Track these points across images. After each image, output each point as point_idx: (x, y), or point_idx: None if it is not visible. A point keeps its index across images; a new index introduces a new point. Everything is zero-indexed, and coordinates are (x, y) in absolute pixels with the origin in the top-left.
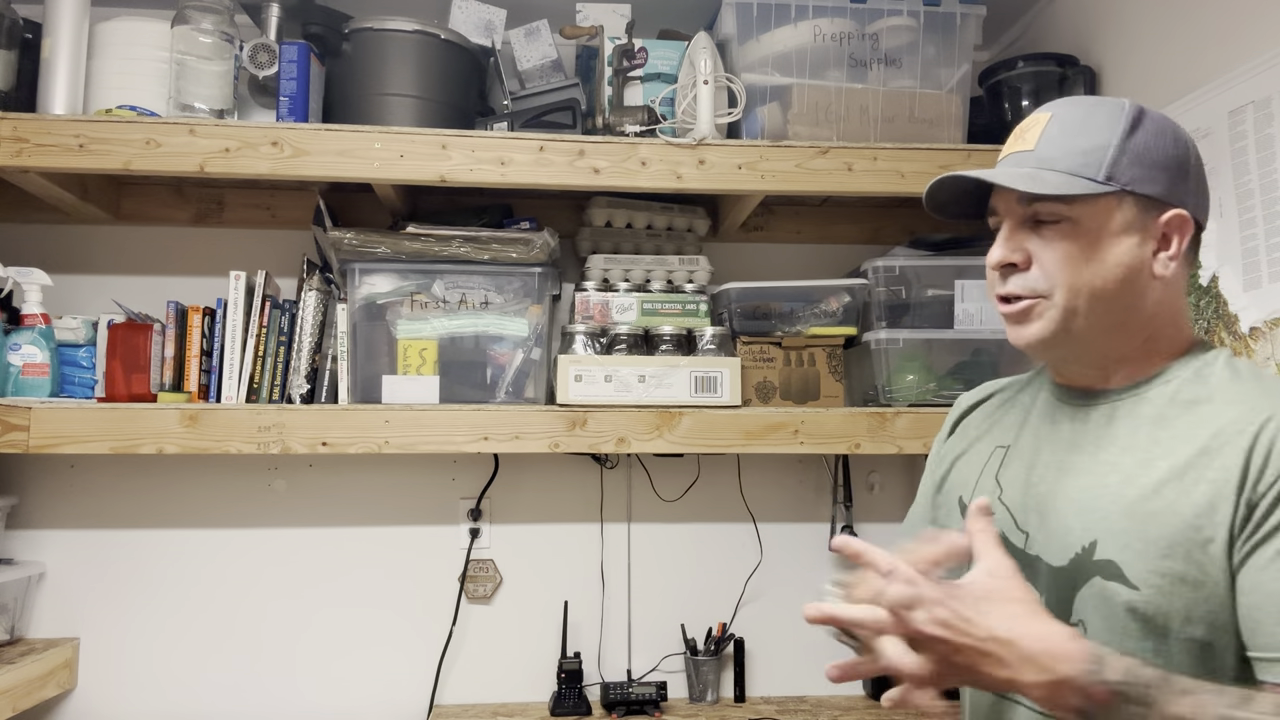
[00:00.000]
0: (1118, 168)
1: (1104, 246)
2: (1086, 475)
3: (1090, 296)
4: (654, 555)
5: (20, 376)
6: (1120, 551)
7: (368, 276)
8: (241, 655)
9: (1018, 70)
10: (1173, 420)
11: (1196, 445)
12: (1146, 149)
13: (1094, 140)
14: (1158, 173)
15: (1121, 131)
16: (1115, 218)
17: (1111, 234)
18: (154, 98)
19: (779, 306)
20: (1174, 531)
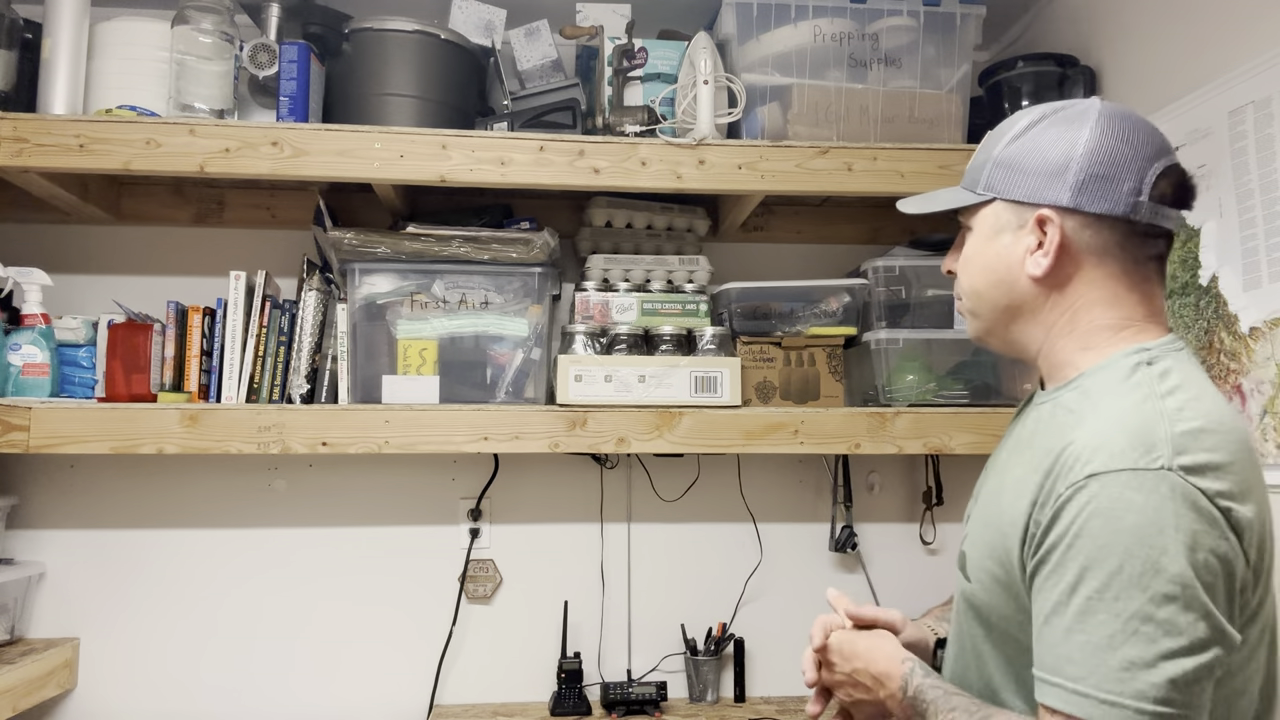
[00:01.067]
0: (992, 177)
1: (982, 250)
2: (997, 473)
3: (974, 296)
4: (654, 555)
5: (20, 376)
6: (970, 548)
7: (368, 276)
8: (242, 655)
9: (1018, 70)
10: (1041, 431)
11: (1038, 456)
12: (1017, 156)
13: (983, 155)
14: (1024, 177)
15: (1004, 141)
16: (988, 223)
17: (987, 238)
18: (154, 98)
19: (779, 306)
20: (994, 535)
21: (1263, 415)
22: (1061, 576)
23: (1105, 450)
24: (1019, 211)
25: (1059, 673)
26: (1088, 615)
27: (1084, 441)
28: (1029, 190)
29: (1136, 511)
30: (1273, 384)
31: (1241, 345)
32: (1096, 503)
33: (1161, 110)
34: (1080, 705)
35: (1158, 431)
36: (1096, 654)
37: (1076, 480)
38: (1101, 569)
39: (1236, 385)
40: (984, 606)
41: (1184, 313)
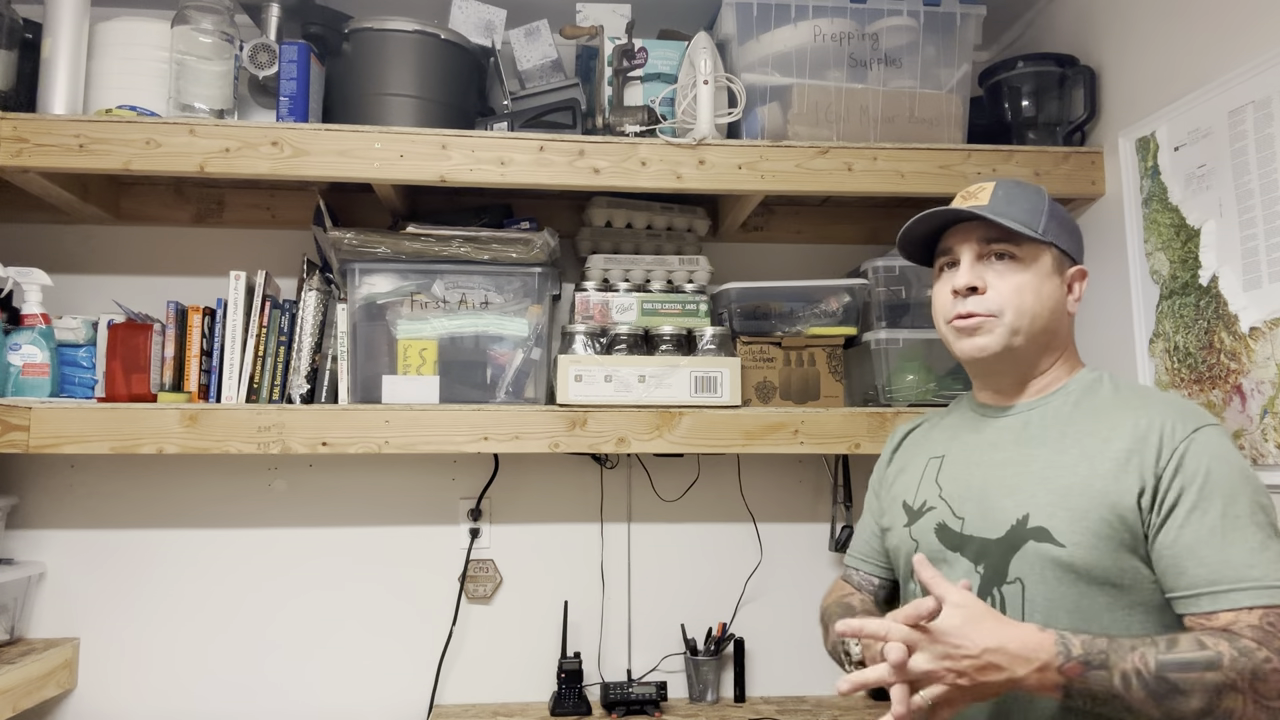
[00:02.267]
0: (1050, 225)
1: (1041, 283)
2: (1012, 466)
3: (1032, 318)
4: (654, 555)
5: (20, 376)
6: (1049, 519)
7: (368, 276)
8: (241, 655)
9: (1018, 70)
10: (1077, 421)
11: (1099, 438)
12: (1062, 217)
13: (1032, 204)
14: (1067, 235)
15: (1049, 201)
16: (1047, 262)
17: (1045, 274)
18: (154, 98)
19: (779, 306)
20: (1089, 499)
21: (1263, 415)
22: (1209, 509)
23: (1189, 415)
24: (1062, 261)
25: (1243, 578)
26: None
27: (1164, 413)
28: (1072, 247)
29: (1232, 453)
30: (1273, 384)
31: (1241, 345)
32: (1208, 448)
33: (1161, 110)
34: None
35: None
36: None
37: (1183, 434)
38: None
39: (1236, 385)
40: (1085, 564)
41: (1184, 313)
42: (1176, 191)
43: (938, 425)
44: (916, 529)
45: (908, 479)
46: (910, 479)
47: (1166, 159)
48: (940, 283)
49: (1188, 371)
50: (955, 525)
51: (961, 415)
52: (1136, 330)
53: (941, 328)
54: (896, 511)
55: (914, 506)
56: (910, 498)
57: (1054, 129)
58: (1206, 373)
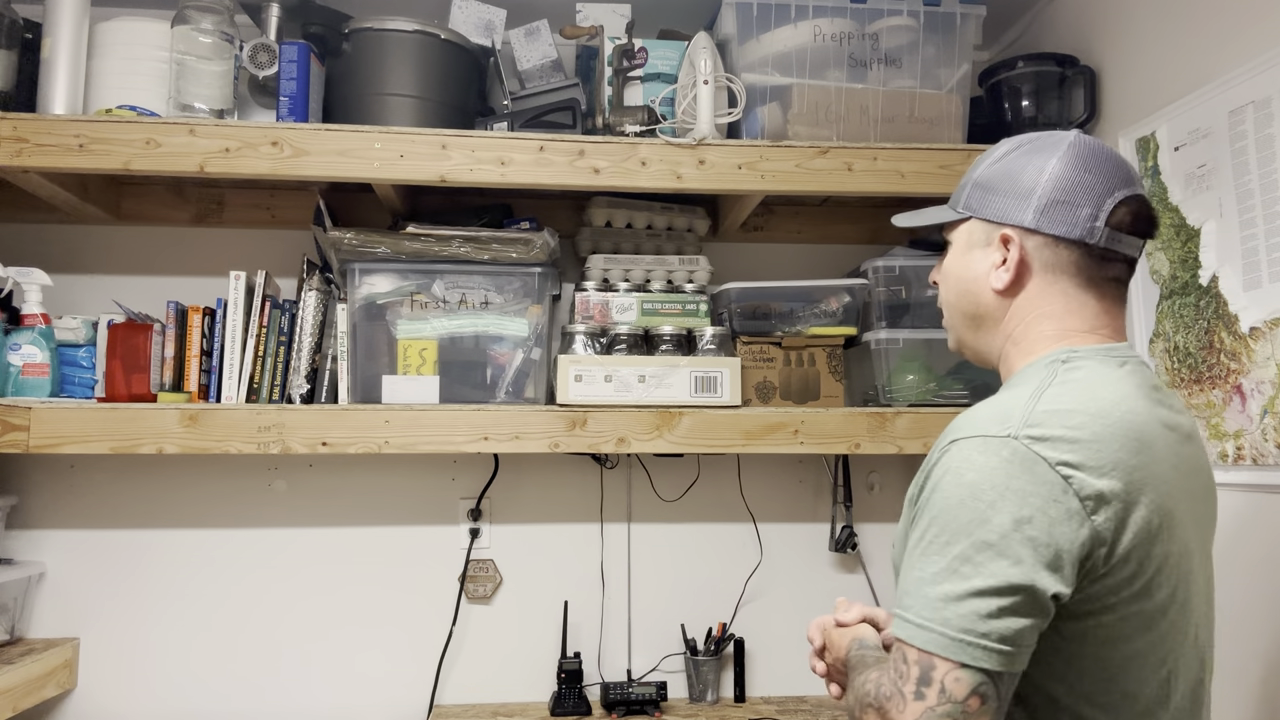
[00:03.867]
0: (970, 197)
1: (955, 265)
2: None
3: (950, 307)
4: (654, 555)
5: (20, 376)
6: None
7: (368, 276)
8: (241, 655)
9: (1018, 70)
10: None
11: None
12: (991, 178)
13: (966, 176)
14: (995, 197)
15: (984, 165)
16: (962, 239)
17: (959, 253)
18: (154, 98)
19: (779, 306)
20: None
21: (1263, 415)
22: (917, 526)
23: (970, 422)
24: (988, 230)
25: (899, 604)
26: (924, 556)
27: (961, 418)
28: (999, 211)
29: (976, 470)
30: (1273, 384)
31: (1241, 345)
32: (948, 463)
33: (1161, 110)
34: (905, 629)
35: (1020, 408)
36: (922, 587)
37: (943, 446)
38: (942, 518)
39: (1236, 385)
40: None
41: (1184, 313)
42: (1176, 191)
43: None
44: None
45: None
46: None
47: (1166, 159)
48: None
49: (1188, 371)
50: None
51: None
52: (1136, 330)
53: None
54: None
55: None
56: None
57: (1054, 129)
58: (1206, 373)
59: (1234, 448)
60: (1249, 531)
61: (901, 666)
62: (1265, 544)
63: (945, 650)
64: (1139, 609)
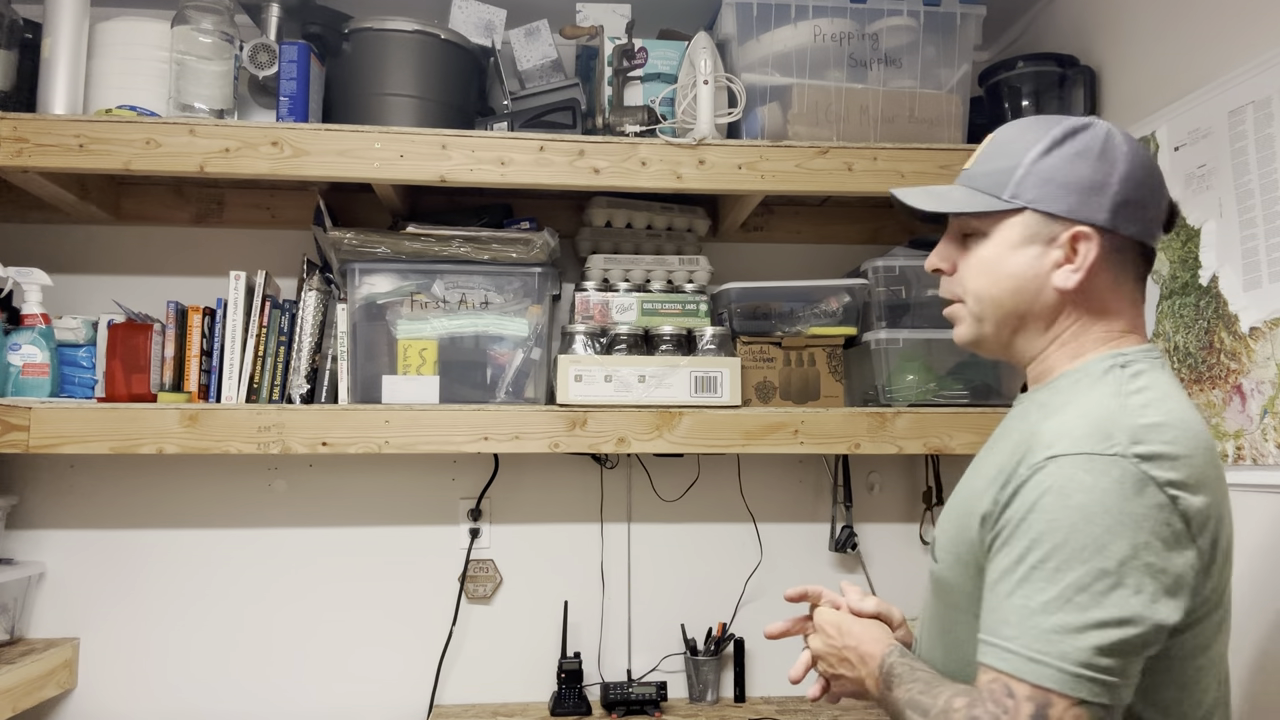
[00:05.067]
0: (1022, 187)
1: (1003, 258)
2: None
3: (991, 302)
4: (654, 555)
5: (20, 376)
6: (940, 533)
7: (368, 276)
8: (241, 655)
9: (1018, 70)
10: (1013, 426)
11: (1003, 451)
12: (1055, 170)
13: (1008, 161)
14: (1063, 191)
15: (1036, 153)
16: (1016, 232)
17: (1010, 246)
18: (154, 98)
19: (779, 306)
20: (960, 518)
21: (1263, 415)
22: (1012, 548)
23: (1067, 436)
24: (1051, 226)
25: (995, 633)
26: (1028, 583)
27: (1049, 429)
28: (1068, 206)
29: (1085, 491)
30: (1273, 384)
31: (1241, 345)
32: (1050, 481)
33: (1161, 110)
34: (1009, 661)
35: (1118, 422)
36: (1031, 617)
37: (1036, 462)
38: (1047, 541)
39: (1236, 385)
40: (948, 584)
41: (1184, 313)
42: (1176, 191)
43: None
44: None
45: None
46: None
47: (1166, 159)
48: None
49: (1188, 371)
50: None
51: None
52: None
53: None
54: None
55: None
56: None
57: None
58: (1206, 373)
59: (1234, 448)
60: (1249, 531)
61: (1006, 701)
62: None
63: (1063, 686)
64: (1215, 619)
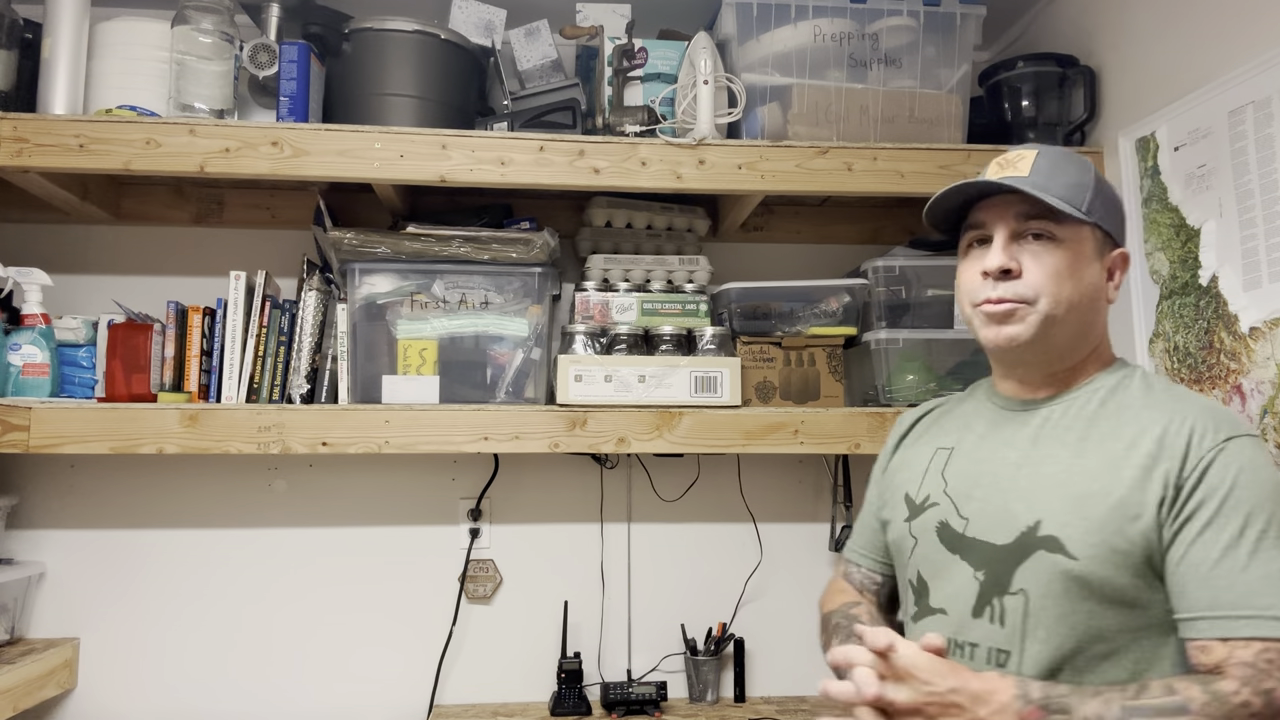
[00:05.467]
0: (1094, 204)
1: (1081, 267)
2: (1027, 466)
3: (1069, 307)
4: (654, 555)
5: (20, 376)
6: (1061, 529)
7: (368, 276)
8: (241, 655)
9: (1018, 70)
10: (1101, 421)
11: (1124, 441)
12: (1109, 195)
13: (1077, 178)
14: (1114, 216)
15: (1094, 176)
16: (1089, 245)
17: (1086, 258)
18: (154, 98)
19: (779, 306)
20: (1107, 510)
21: (1263, 415)
22: (1225, 526)
23: (1223, 423)
24: (1104, 244)
25: (1244, 605)
26: (1261, 552)
27: (1195, 417)
28: (1116, 229)
29: (1267, 466)
30: (1273, 384)
31: (1241, 345)
32: (1238, 460)
33: (1161, 110)
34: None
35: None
36: (1271, 581)
37: (1214, 445)
38: (1263, 513)
39: (1236, 385)
40: (1097, 578)
41: (1184, 313)
42: (1176, 191)
43: (950, 413)
44: (917, 525)
45: (913, 469)
46: (915, 469)
47: (1166, 159)
48: (968, 261)
49: (1188, 371)
50: (958, 526)
51: (978, 405)
52: (1136, 330)
53: (967, 310)
54: (898, 504)
55: (916, 500)
56: (914, 490)
57: (1054, 129)
58: (1206, 373)
59: None
60: None
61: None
62: None
63: None
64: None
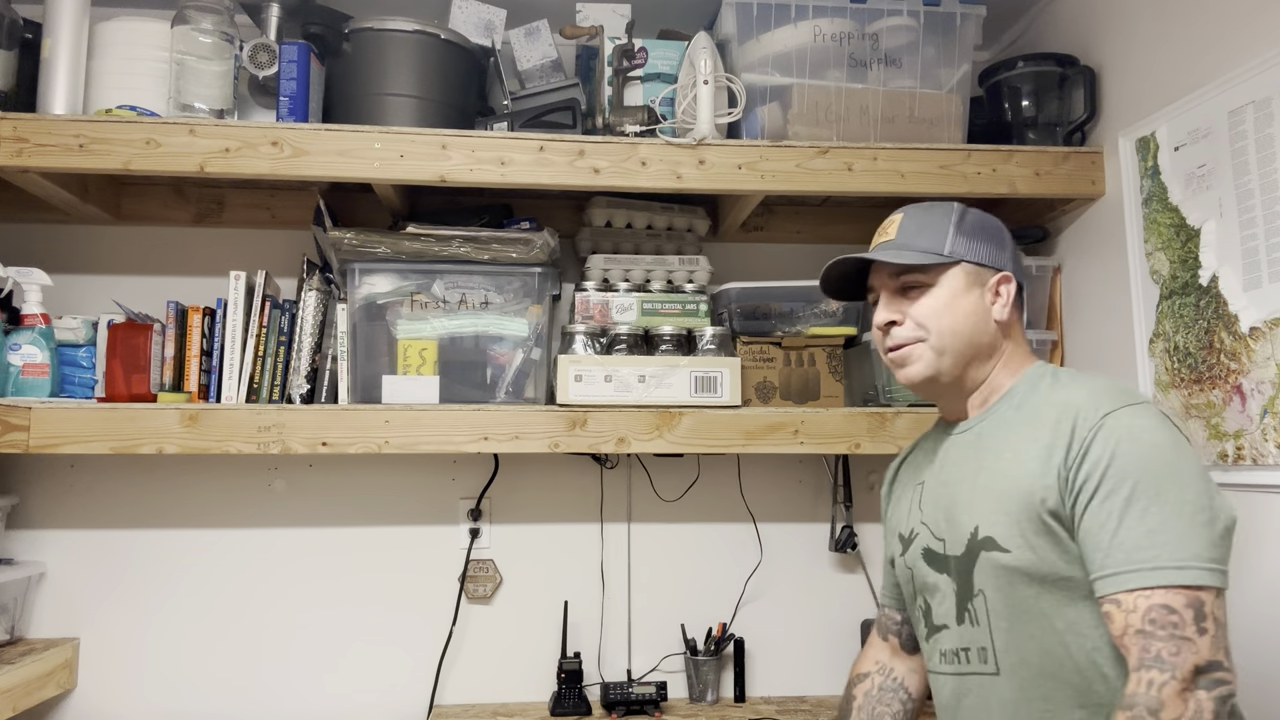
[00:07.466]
0: (955, 245)
1: (956, 300)
2: (966, 481)
3: (952, 335)
4: (654, 555)
5: (20, 376)
6: (992, 527)
7: (368, 276)
8: (241, 655)
9: (1018, 70)
10: (1018, 424)
11: (1028, 436)
12: (975, 230)
13: (937, 229)
14: (983, 246)
15: (953, 222)
16: (960, 280)
17: (958, 292)
18: (154, 98)
19: (779, 306)
20: (1020, 501)
21: (1263, 415)
22: (1112, 492)
23: (1105, 399)
24: (980, 274)
25: (1133, 561)
26: (1145, 513)
27: (1080, 401)
28: (991, 258)
29: (1147, 431)
30: (1273, 384)
31: (1241, 345)
32: (1117, 431)
33: (1161, 110)
34: (1162, 575)
35: (1120, 386)
36: (1158, 536)
37: (1093, 422)
38: (1142, 478)
39: (1236, 385)
40: (1030, 565)
41: (1184, 313)
42: (1176, 191)
43: (921, 449)
44: (909, 556)
45: (901, 508)
46: (903, 508)
47: (1166, 159)
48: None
49: (1188, 371)
50: (938, 547)
51: (937, 436)
52: (1136, 330)
53: (885, 360)
54: (894, 542)
55: (905, 535)
56: (903, 527)
57: (1054, 129)
58: (1206, 373)
59: (1234, 448)
60: (1249, 531)
61: (1170, 619)
62: (1265, 544)
63: (1209, 580)
64: None
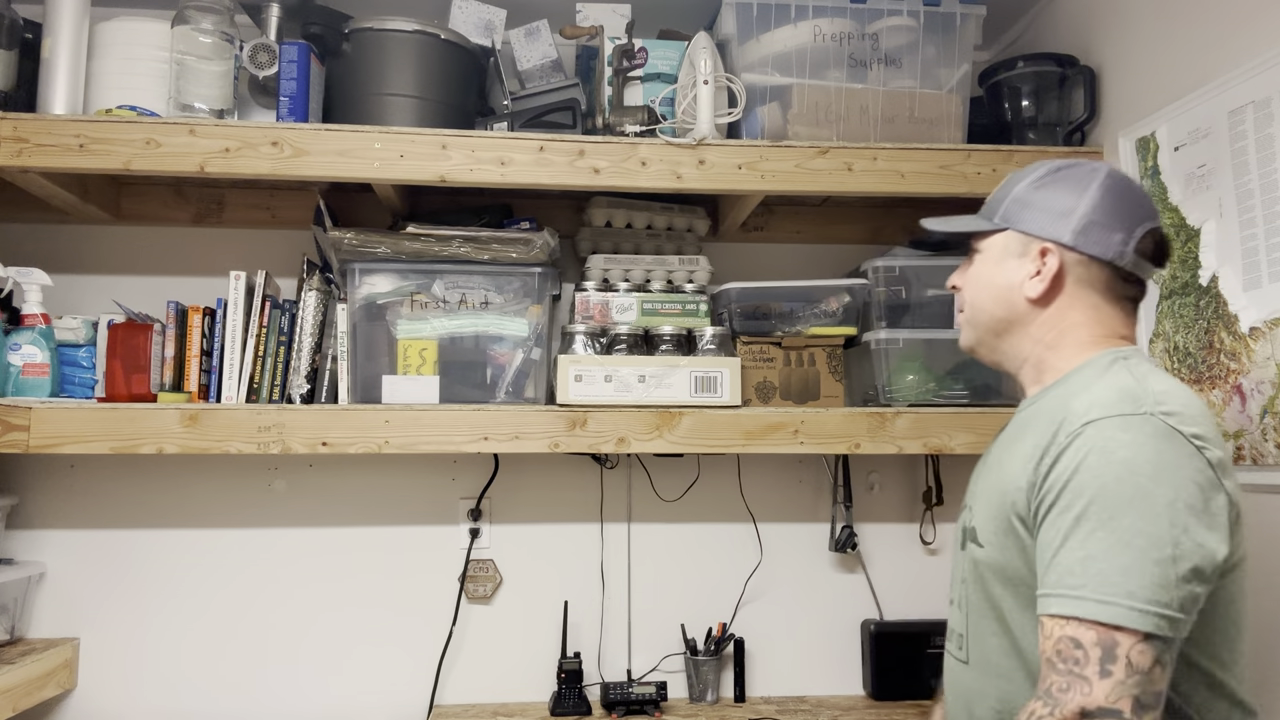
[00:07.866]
0: (1008, 211)
1: (990, 271)
2: (994, 466)
3: (974, 307)
4: (654, 555)
5: (20, 376)
6: (980, 520)
7: (368, 276)
8: (242, 655)
9: (1018, 70)
10: (1035, 421)
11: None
12: (1033, 199)
13: (1002, 192)
14: (1033, 214)
15: (1025, 184)
16: (999, 249)
17: (996, 261)
18: (154, 98)
19: (779, 306)
20: (1000, 499)
21: (1263, 415)
22: (1066, 508)
23: (1098, 405)
24: (1026, 242)
25: (1061, 585)
26: (1090, 536)
27: (1079, 404)
28: (1039, 226)
29: (1125, 447)
30: (1273, 384)
31: (1241, 345)
32: (1092, 443)
33: (1161, 110)
34: (1080, 606)
35: (1141, 391)
36: (1093, 564)
37: (1073, 429)
38: (1100, 496)
39: (1236, 385)
40: (998, 564)
41: (1184, 313)
42: (1176, 191)
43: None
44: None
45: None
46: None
47: (1166, 159)
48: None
49: (1188, 371)
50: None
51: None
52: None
53: None
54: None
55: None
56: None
57: (1054, 129)
58: (1206, 373)
59: (1234, 448)
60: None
61: (1075, 654)
62: (1265, 544)
63: (1130, 622)
64: (1242, 570)
